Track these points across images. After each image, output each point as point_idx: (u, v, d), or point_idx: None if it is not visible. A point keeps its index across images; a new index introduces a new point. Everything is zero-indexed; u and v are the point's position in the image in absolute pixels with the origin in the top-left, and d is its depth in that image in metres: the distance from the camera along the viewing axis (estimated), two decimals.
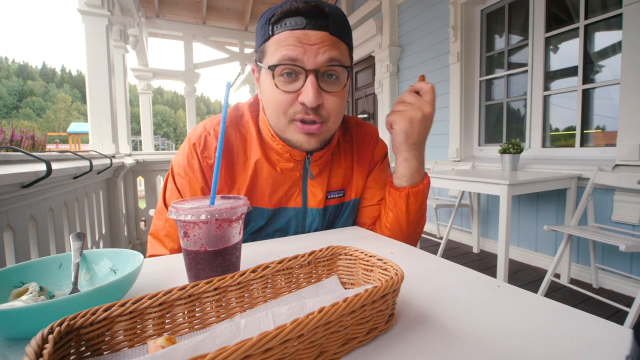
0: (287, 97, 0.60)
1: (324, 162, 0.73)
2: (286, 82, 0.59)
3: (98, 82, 2.52)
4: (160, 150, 15.91)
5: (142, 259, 0.43)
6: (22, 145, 1.83)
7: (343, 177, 0.77)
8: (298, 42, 0.57)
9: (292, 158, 0.68)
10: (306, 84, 0.58)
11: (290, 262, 0.40)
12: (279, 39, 0.58)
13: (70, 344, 0.26)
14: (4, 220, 1.03)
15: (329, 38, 0.58)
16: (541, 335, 0.31)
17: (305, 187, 0.72)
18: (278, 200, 0.70)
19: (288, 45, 0.57)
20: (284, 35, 0.57)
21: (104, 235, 2.42)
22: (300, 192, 0.72)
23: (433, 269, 0.49)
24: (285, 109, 0.61)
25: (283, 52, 0.57)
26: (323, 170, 0.74)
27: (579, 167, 2.25)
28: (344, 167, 0.77)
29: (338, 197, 0.76)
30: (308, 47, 0.57)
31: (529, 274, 2.43)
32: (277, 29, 0.58)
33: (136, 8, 3.54)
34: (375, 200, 0.80)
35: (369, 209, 0.80)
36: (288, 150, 0.67)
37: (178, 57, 10.82)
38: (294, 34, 0.57)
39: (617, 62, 2.18)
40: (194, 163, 0.67)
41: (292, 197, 0.71)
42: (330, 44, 0.58)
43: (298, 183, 0.71)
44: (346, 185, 0.78)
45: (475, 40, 3.18)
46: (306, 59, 0.57)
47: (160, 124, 64.14)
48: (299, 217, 0.73)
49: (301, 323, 0.24)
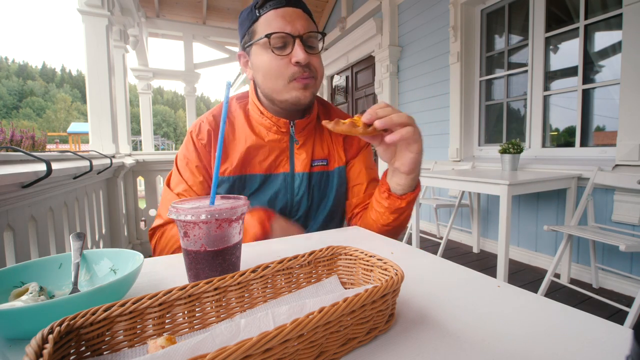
0: (282, 61, 0.73)
1: (307, 132, 0.84)
2: (279, 50, 0.73)
3: (98, 82, 2.52)
4: (160, 150, 15.92)
5: (142, 259, 0.43)
6: (22, 145, 1.83)
7: (326, 149, 0.88)
8: (282, 18, 0.72)
9: (278, 130, 0.80)
10: (295, 47, 0.72)
11: (290, 262, 0.40)
12: (266, 18, 0.72)
13: (70, 344, 0.26)
14: (4, 220, 1.03)
15: (302, 14, 0.74)
16: (541, 335, 0.31)
17: (292, 154, 0.83)
18: (268, 167, 0.81)
19: (277, 19, 0.71)
20: (270, 14, 0.72)
21: (104, 235, 2.42)
22: (287, 159, 0.82)
23: (433, 269, 0.49)
24: (282, 71, 0.73)
25: (274, 25, 0.71)
26: (307, 140, 0.85)
27: (579, 167, 2.25)
28: (326, 141, 0.88)
29: (322, 164, 0.86)
30: (291, 20, 0.72)
31: (529, 274, 2.43)
32: (262, 10, 0.73)
33: (136, 8, 3.54)
34: (361, 180, 0.88)
35: (357, 188, 0.89)
36: (275, 123, 0.79)
37: (178, 57, 10.84)
38: (278, 12, 0.72)
39: (617, 62, 2.18)
40: (189, 146, 0.80)
41: (281, 164, 0.82)
42: (305, 18, 0.74)
43: (285, 152, 0.82)
44: (328, 156, 0.88)
45: (475, 40, 3.18)
46: (292, 28, 0.71)
47: (160, 124, 64.15)
48: (287, 181, 0.82)
49: (301, 323, 0.24)
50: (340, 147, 0.89)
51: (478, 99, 3.22)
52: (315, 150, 0.86)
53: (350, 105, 5.29)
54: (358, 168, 0.89)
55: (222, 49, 5.66)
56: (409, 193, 0.73)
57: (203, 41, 5.38)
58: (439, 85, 3.42)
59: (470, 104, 3.24)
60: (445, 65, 3.32)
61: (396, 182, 0.72)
